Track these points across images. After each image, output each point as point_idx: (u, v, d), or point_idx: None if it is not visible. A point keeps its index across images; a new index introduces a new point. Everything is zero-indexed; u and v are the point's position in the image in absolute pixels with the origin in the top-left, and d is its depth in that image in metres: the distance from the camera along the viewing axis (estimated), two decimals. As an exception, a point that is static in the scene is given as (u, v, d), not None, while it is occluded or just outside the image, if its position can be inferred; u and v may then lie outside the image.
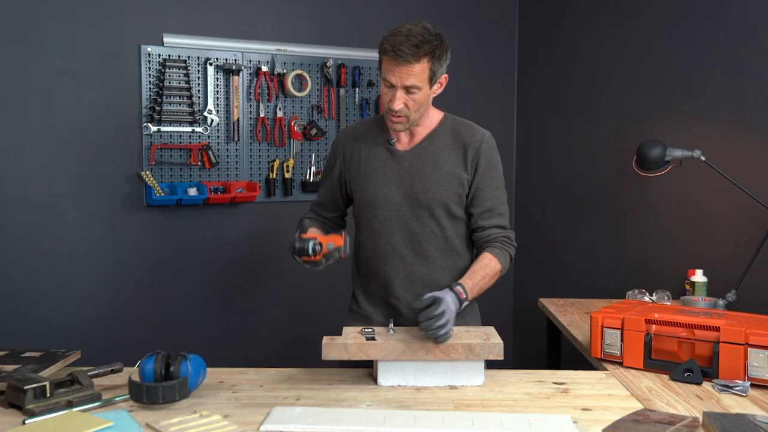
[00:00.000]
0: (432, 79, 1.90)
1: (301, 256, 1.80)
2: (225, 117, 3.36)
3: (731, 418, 1.51)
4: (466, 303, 1.84)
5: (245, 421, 1.51)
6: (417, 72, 1.85)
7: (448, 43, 1.93)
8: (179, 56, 3.24)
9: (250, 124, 3.42)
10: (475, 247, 2.07)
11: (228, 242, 3.42)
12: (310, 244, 1.78)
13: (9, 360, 1.79)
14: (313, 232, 2.05)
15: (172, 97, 3.23)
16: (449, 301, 1.77)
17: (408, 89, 1.87)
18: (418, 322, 1.74)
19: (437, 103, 2.08)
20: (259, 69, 3.38)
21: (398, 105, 1.89)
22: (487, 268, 1.94)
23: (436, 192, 1.97)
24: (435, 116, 2.04)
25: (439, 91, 1.97)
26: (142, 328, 3.23)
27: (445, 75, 1.96)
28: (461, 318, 2.03)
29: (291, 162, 3.48)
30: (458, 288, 1.83)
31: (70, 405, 1.55)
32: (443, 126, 2.03)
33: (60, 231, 3.07)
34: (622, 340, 1.97)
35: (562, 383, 1.80)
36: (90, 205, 3.12)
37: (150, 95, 3.19)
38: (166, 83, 3.21)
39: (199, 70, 3.29)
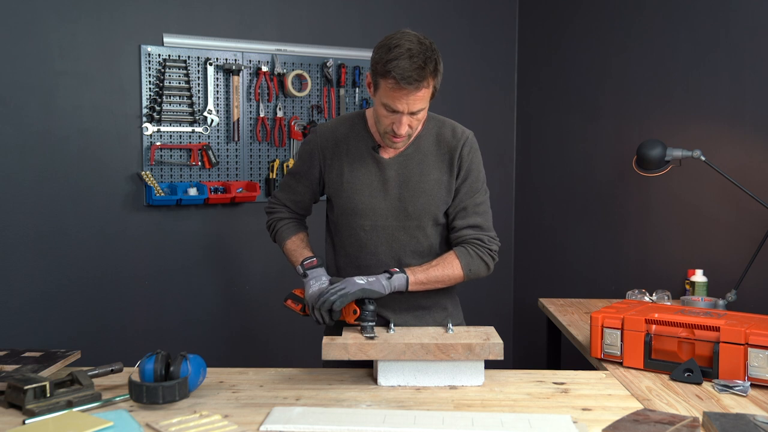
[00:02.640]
0: (434, 95, 1.84)
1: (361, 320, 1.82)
2: (225, 117, 3.36)
3: (731, 418, 1.51)
4: (400, 276, 1.85)
5: (245, 421, 1.51)
6: (423, 95, 1.78)
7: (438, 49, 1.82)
8: (179, 56, 3.24)
9: (250, 124, 3.42)
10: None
11: (228, 242, 3.42)
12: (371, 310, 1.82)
13: (9, 360, 1.79)
14: (300, 243, 2.03)
15: (172, 97, 3.23)
16: (355, 279, 1.83)
17: (414, 113, 1.81)
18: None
19: (433, 99, 2.07)
20: (259, 69, 3.38)
21: (404, 130, 1.83)
22: (442, 261, 1.92)
23: (424, 202, 1.93)
24: None
25: None
26: (142, 328, 3.23)
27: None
28: (443, 310, 2.02)
29: (291, 162, 3.48)
30: (392, 268, 1.89)
31: (70, 405, 1.55)
32: (427, 129, 1.97)
33: (60, 231, 3.07)
34: (622, 340, 1.97)
35: (562, 383, 1.80)
36: (90, 205, 3.12)
37: (150, 95, 3.19)
38: (166, 83, 3.21)
39: (199, 70, 3.29)
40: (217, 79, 3.32)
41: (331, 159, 1.97)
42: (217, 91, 3.33)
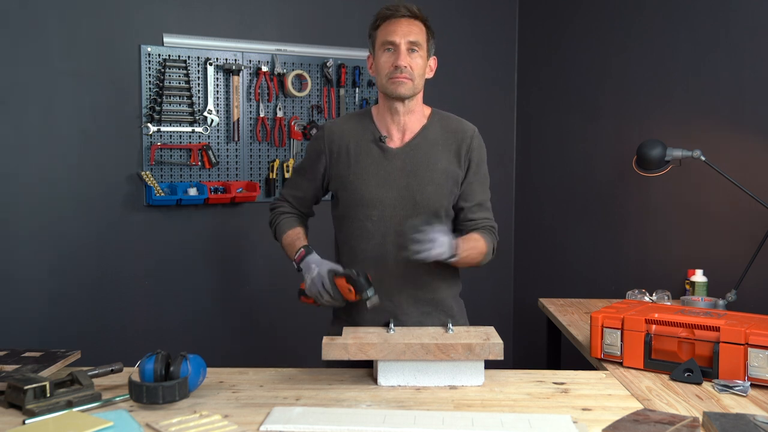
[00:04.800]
0: (429, 50, 1.94)
1: (355, 292, 1.78)
2: (225, 117, 3.36)
3: (731, 418, 1.51)
4: (454, 256, 1.83)
5: (245, 421, 1.51)
6: (418, 30, 1.91)
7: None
8: (179, 56, 3.24)
9: (250, 124, 3.42)
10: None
11: (228, 242, 3.42)
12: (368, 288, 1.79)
13: (9, 360, 1.79)
14: (295, 237, 2.00)
15: (172, 97, 3.23)
16: (441, 234, 1.78)
17: (411, 47, 1.89)
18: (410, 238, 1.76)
19: (434, 100, 2.07)
20: (259, 69, 3.38)
21: (404, 61, 1.89)
22: (474, 240, 1.92)
23: (432, 191, 1.94)
24: (425, 110, 2.02)
25: (431, 75, 1.99)
26: (142, 328, 3.23)
27: (435, 58, 2.00)
28: (449, 309, 2.02)
29: (291, 162, 3.48)
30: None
31: (70, 405, 1.55)
32: (432, 121, 2.00)
33: (60, 231, 3.07)
34: (622, 340, 1.97)
35: (562, 383, 1.80)
36: (90, 205, 3.12)
37: (150, 95, 3.19)
38: (166, 83, 3.21)
39: (199, 70, 3.29)
40: (217, 79, 3.32)
41: (337, 153, 1.98)
42: (217, 91, 3.33)
